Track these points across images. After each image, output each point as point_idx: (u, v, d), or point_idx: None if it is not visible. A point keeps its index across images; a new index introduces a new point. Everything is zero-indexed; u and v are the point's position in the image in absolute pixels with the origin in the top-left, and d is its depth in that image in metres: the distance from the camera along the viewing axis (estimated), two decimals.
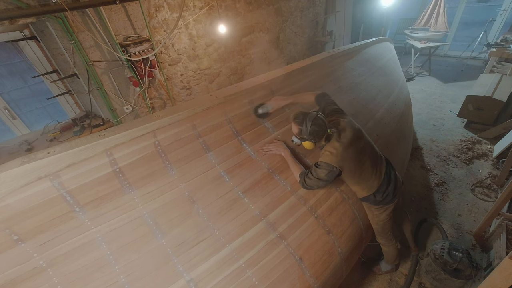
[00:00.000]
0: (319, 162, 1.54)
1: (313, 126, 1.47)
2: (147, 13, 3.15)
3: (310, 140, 1.51)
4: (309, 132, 1.48)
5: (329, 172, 1.51)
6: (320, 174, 1.52)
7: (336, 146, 1.51)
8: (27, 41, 2.84)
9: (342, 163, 1.51)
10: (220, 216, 1.46)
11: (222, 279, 1.31)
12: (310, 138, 1.50)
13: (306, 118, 1.50)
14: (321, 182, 1.55)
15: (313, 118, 1.48)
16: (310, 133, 1.48)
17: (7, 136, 3.19)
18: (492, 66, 4.61)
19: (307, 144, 1.54)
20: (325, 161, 1.51)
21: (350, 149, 1.53)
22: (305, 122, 1.49)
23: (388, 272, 2.25)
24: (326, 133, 1.52)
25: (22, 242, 1.12)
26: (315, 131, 1.48)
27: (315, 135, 1.49)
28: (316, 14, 6.11)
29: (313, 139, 1.50)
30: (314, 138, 1.50)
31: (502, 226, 2.02)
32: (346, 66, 3.01)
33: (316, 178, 1.54)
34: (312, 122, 1.47)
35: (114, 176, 1.35)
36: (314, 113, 1.52)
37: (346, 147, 1.52)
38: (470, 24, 8.67)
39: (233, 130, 1.80)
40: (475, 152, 3.53)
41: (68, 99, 3.35)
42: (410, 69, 6.41)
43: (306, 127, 1.48)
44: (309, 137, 1.49)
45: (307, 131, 1.48)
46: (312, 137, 1.49)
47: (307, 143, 1.53)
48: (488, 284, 1.42)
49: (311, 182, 1.57)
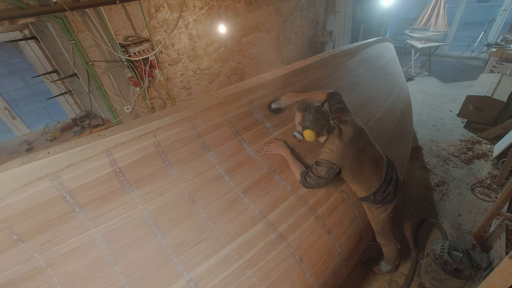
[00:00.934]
0: (319, 160, 1.55)
1: (316, 113, 1.52)
2: (147, 13, 3.15)
3: (311, 129, 1.53)
4: (312, 119, 1.52)
5: (329, 169, 1.51)
6: (320, 172, 1.53)
7: (336, 143, 1.53)
8: (27, 41, 2.84)
9: (342, 160, 1.52)
10: (220, 216, 1.46)
11: (222, 279, 1.31)
12: (312, 125, 1.52)
13: (310, 106, 1.55)
14: (322, 180, 1.56)
15: (317, 107, 1.54)
16: (312, 119, 1.52)
17: (7, 136, 3.19)
18: (492, 66, 4.61)
19: (308, 133, 1.54)
20: (325, 158, 1.52)
21: (350, 146, 1.54)
22: (309, 109, 1.54)
23: (388, 272, 2.25)
24: (328, 123, 1.55)
25: (22, 242, 1.11)
26: (317, 119, 1.52)
27: (317, 123, 1.52)
28: (316, 14, 6.11)
29: (315, 127, 1.52)
30: (316, 126, 1.52)
31: (502, 226, 2.02)
32: (346, 66, 3.01)
33: (317, 176, 1.55)
34: (315, 110, 1.53)
35: (114, 176, 1.35)
36: (318, 104, 1.58)
37: (347, 144, 1.53)
38: (470, 24, 8.67)
39: (233, 130, 1.80)
40: (475, 152, 3.53)
41: (68, 99, 3.35)
42: (410, 69, 6.41)
43: (310, 114, 1.53)
44: (311, 125, 1.52)
45: (310, 118, 1.52)
46: (314, 125, 1.52)
47: (308, 132, 1.54)
48: (488, 284, 1.42)
49: (312, 181, 1.57)
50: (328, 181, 1.58)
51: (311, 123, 1.53)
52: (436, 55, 6.95)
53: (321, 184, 1.59)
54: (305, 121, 1.55)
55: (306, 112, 1.55)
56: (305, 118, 1.55)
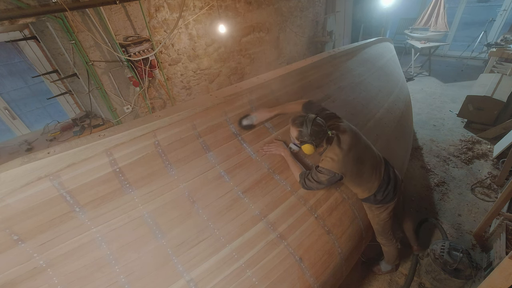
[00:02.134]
0: (320, 168, 1.53)
1: (314, 127, 1.43)
2: (147, 13, 3.15)
3: (310, 143, 1.46)
4: (310, 133, 1.43)
5: (330, 177, 1.51)
6: (321, 178, 1.52)
7: (337, 152, 1.50)
8: (27, 41, 2.84)
9: (344, 169, 1.50)
10: (220, 216, 1.46)
11: (222, 279, 1.31)
12: (310, 139, 1.45)
13: (306, 119, 1.47)
14: (321, 185, 1.55)
15: (313, 119, 1.46)
16: (311, 133, 1.43)
17: (7, 136, 3.19)
18: (492, 66, 4.61)
19: (307, 148, 1.48)
20: (326, 167, 1.50)
21: (350, 154, 1.52)
22: (305, 123, 1.45)
23: (388, 272, 2.25)
24: (326, 134, 1.50)
25: (22, 242, 1.11)
26: (315, 132, 1.44)
27: (315, 136, 1.45)
28: (316, 14, 6.11)
29: (313, 141, 1.46)
30: (315, 139, 1.46)
31: (502, 226, 2.02)
32: (346, 66, 3.01)
33: (317, 182, 1.54)
34: (312, 122, 1.44)
35: (114, 176, 1.34)
36: (313, 115, 1.49)
37: (347, 152, 1.51)
38: (470, 24, 8.66)
39: (233, 130, 1.80)
40: (475, 152, 3.53)
41: (68, 99, 3.36)
42: (410, 69, 6.41)
43: (307, 128, 1.44)
44: (310, 139, 1.45)
45: (308, 132, 1.44)
46: (312, 139, 1.45)
47: (307, 146, 1.47)
48: (488, 284, 1.42)
49: (312, 184, 1.57)
50: (328, 186, 1.58)
51: (309, 138, 1.45)
52: (436, 55, 6.95)
53: (320, 188, 1.59)
54: (302, 136, 1.47)
55: (302, 127, 1.45)
56: (302, 133, 1.46)
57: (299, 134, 1.49)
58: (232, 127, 1.81)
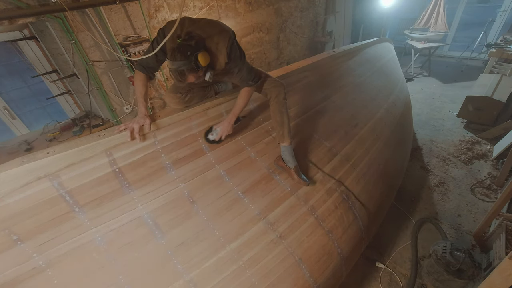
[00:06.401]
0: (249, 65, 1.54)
1: (184, 51, 1.20)
2: (147, 13, 3.15)
3: (196, 56, 1.23)
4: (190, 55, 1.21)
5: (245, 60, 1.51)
6: (250, 66, 1.54)
7: (220, 47, 1.36)
8: (27, 41, 2.84)
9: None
10: (220, 216, 1.46)
11: (222, 279, 1.30)
12: (194, 56, 1.23)
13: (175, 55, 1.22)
14: (254, 68, 1.58)
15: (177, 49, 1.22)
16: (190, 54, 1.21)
17: (7, 136, 3.19)
18: (492, 66, 4.61)
19: (201, 58, 1.25)
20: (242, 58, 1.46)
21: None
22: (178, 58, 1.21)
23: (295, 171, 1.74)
24: (194, 40, 1.28)
25: (21, 242, 1.11)
26: (191, 47, 1.22)
27: (194, 49, 1.23)
28: (316, 14, 6.12)
29: (197, 51, 1.24)
30: (194, 49, 1.24)
31: (502, 227, 2.02)
32: (346, 66, 3.01)
33: (253, 71, 1.55)
34: (179, 50, 1.21)
35: (113, 176, 1.34)
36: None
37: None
38: (470, 24, 8.66)
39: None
40: (474, 152, 3.53)
41: (68, 99, 3.36)
42: (410, 70, 6.41)
43: (186, 57, 1.20)
44: (194, 56, 1.23)
45: (191, 59, 1.21)
46: (194, 51, 1.23)
47: (200, 58, 1.24)
48: (488, 285, 1.42)
49: (256, 78, 1.56)
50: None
51: (194, 57, 1.22)
52: (436, 56, 6.95)
53: (258, 71, 1.62)
54: (191, 64, 1.22)
55: (184, 65, 1.21)
56: (189, 63, 1.22)
57: (191, 68, 1.24)
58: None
